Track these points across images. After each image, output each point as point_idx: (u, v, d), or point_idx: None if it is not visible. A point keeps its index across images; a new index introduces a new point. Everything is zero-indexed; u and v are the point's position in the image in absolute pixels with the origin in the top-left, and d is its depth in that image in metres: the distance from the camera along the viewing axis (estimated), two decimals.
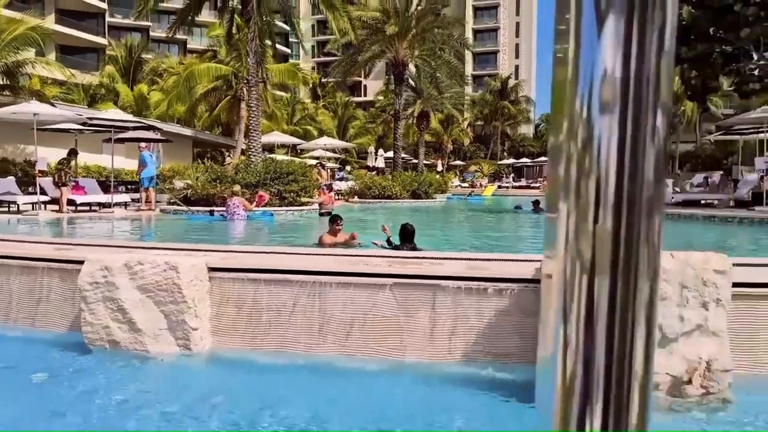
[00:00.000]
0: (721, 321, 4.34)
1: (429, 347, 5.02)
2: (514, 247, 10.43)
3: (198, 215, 14.06)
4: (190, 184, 14.85)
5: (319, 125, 53.76)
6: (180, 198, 14.82)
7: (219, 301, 5.40)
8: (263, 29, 17.46)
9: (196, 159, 26.35)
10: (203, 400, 4.34)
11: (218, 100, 28.67)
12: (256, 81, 17.59)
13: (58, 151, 21.48)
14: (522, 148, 75.45)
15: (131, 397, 4.43)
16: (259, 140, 17.83)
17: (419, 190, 22.40)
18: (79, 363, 5.14)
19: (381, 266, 5.18)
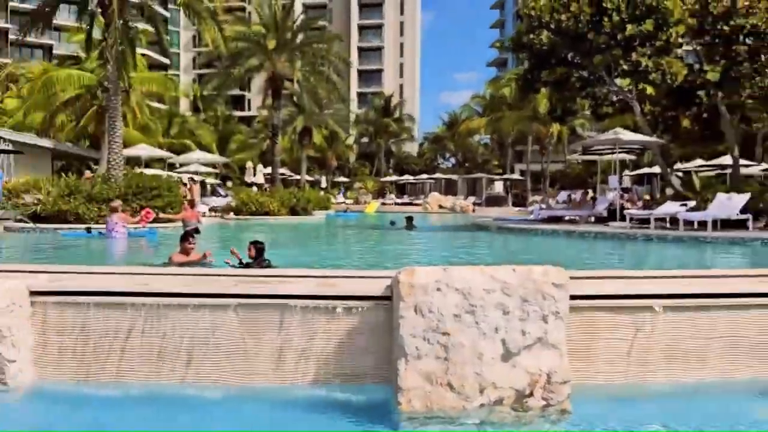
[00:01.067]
0: (560, 333, 4.43)
1: (277, 371, 4.76)
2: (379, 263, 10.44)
3: (74, 232, 12.93)
4: (41, 200, 13.58)
5: (198, 139, 51.84)
6: (29, 214, 13.52)
7: (43, 329, 4.83)
8: (126, 35, 16.49)
9: (57, 172, 24.36)
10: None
11: (84, 110, 26.76)
12: (117, 89, 16.53)
13: None
14: (406, 165, 77.10)
15: None
16: (120, 152, 16.72)
17: (298, 207, 22.07)
18: None
19: (225, 286, 4.86)
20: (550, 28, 16.61)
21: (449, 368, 4.34)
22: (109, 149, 16.41)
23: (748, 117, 19.23)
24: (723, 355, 4.98)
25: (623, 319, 4.86)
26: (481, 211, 35.04)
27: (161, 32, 18.69)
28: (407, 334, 4.32)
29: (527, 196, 45.77)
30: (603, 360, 4.87)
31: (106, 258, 11.32)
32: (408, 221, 16.82)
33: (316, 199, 30.16)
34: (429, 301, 4.34)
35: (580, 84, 18.24)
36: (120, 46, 15.81)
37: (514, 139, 57.95)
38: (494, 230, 16.88)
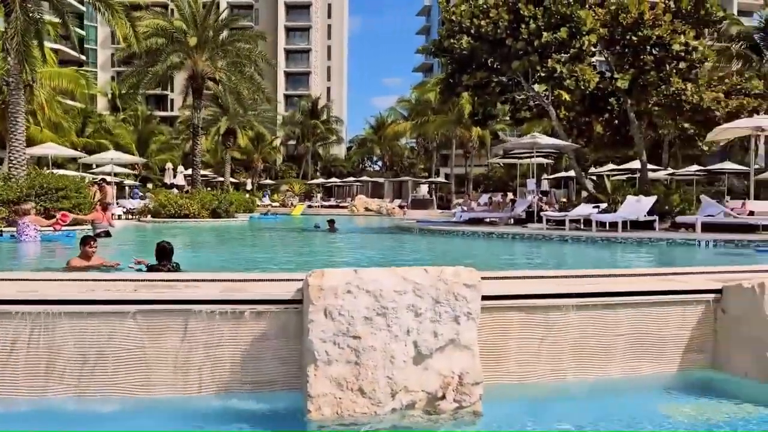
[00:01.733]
0: (472, 334, 4.41)
1: (180, 381, 4.50)
2: (297, 266, 10.23)
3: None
4: None
5: (116, 139, 49.69)
6: None
7: None
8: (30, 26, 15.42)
9: None
10: None
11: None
12: (18, 84, 15.47)
13: None
14: (334, 168, 76.82)
15: None
16: (23, 151, 15.65)
17: (219, 209, 21.45)
18: None
19: (124, 291, 4.55)
20: (470, 33, 16.95)
21: (360, 373, 4.23)
22: (10, 147, 15.28)
23: (655, 123, 20.29)
24: (628, 352, 5.12)
25: (534, 319, 4.90)
26: (407, 214, 35.30)
27: (69, 25, 17.60)
28: (316, 338, 4.18)
29: (452, 198, 46.55)
30: (515, 360, 4.89)
31: (12, 262, 10.55)
32: (330, 224, 16.70)
33: (240, 201, 29.47)
34: (339, 303, 4.21)
35: (500, 89, 18.71)
36: (23, 38, 14.76)
37: (439, 143, 58.90)
38: (416, 232, 17.00)
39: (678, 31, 17.37)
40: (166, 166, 30.96)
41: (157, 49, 23.66)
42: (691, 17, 18.09)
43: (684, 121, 19.32)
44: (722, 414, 4.61)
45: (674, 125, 19.92)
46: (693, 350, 5.30)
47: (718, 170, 30.26)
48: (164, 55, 23.57)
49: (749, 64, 31.01)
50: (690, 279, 5.65)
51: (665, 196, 16.77)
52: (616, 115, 19.60)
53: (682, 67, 17.41)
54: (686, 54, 17.21)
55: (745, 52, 31.51)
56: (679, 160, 36.74)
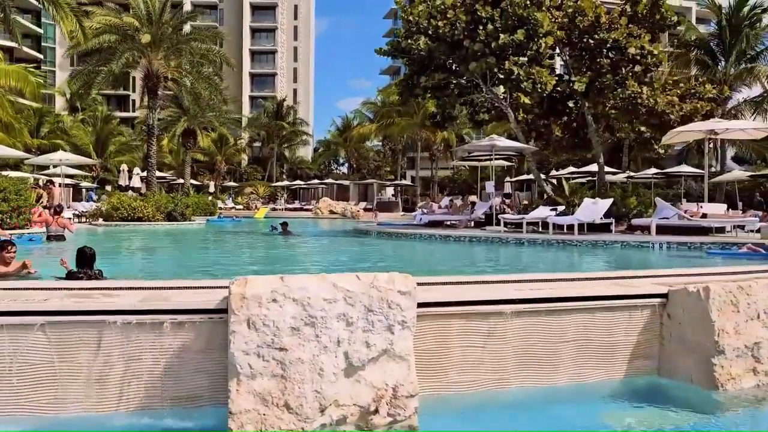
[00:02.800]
0: (407, 344, 4.18)
1: (94, 398, 4.17)
2: (237, 270, 9.90)
3: None
4: None
5: (73, 140, 48.34)
6: None
7: None
8: None
9: None
10: None
11: None
12: None
13: None
14: (300, 170, 76.22)
15: None
16: None
17: (175, 212, 20.89)
18: None
19: (33, 302, 4.20)
20: (427, 34, 16.80)
21: (287, 387, 3.96)
22: None
23: (612, 126, 20.47)
24: (574, 359, 4.96)
25: (475, 326, 4.71)
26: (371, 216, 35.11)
27: (9, 19, 16.83)
28: (239, 350, 3.90)
29: (417, 201, 46.54)
30: (456, 370, 4.68)
31: None
32: (283, 226, 16.39)
33: (200, 204, 28.88)
34: (263, 313, 3.94)
35: (459, 90, 18.59)
36: None
37: (405, 145, 58.89)
38: (374, 235, 16.78)
39: (634, 34, 17.52)
40: (121, 168, 30.18)
41: (109, 47, 22.97)
42: (646, 21, 18.26)
43: (640, 124, 19.53)
44: (668, 421, 4.50)
45: (630, 128, 20.11)
46: (639, 356, 5.18)
47: (676, 173, 30.82)
48: (118, 53, 22.88)
49: (706, 69, 31.79)
50: (636, 283, 5.53)
51: (622, 199, 16.88)
52: (574, 118, 19.70)
53: (638, 71, 17.54)
54: (642, 58, 17.35)
55: (703, 58, 32.31)
56: (639, 164, 37.36)
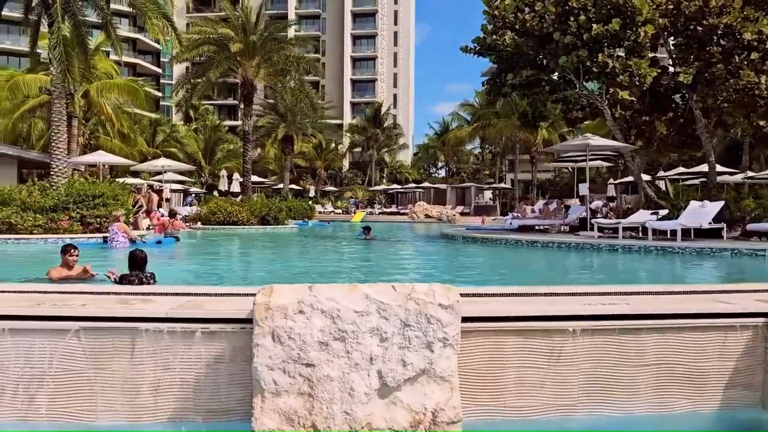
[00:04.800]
0: (449, 364, 3.75)
1: (127, 407, 4.05)
2: (298, 276, 9.75)
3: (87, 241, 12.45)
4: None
5: (184, 148, 51.29)
6: None
7: None
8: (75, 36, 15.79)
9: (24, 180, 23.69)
10: None
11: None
12: (61, 93, 15.80)
13: None
14: (399, 174, 76.55)
15: None
16: (64, 159, 16.01)
17: (269, 216, 21.39)
18: None
19: (68, 306, 4.15)
20: (514, 28, 15.97)
21: (314, 406, 3.65)
22: (53, 156, 15.66)
23: (725, 121, 18.54)
24: (655, 385, 4.30)
25: (535, 345, 4.17)
26: (471, 220, 34.44)
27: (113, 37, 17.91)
28: (263, 365, 3.63)
29: (516, 205, 45.11)
30: (510, 393, 4.16)
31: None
32: (365, 230, 16.25)
33: (298, 208, 29.55)
34: (289, 326, 3.65)
35: (550, 87, 17.54)
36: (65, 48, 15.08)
37: (505, 147, 57.41)
38: (459, 240, 16.21)
39: (750, 18, 15.73)
40: (221, 174, 31.42)
41: (208, 57, 24.01)
42: (764, 3, 16.37)
43: (758, 117, 17.49)
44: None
45: (747, 123, 18.10)
46: (737, 385, 4.42)
47: None
48: (214, 63, 23.85)
49: None
50: (735, 299, 4.73)
51: (736, 201, 15.19)
52: (680, 114, 18.00)
53: (755, 58, 15.70)
54: (759, 43, 15.53)
55: None
56: (762, 163, 34.03)
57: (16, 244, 12.17)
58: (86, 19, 16.91)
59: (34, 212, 12.80)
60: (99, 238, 12.88)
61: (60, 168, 15.43)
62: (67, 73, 15.13)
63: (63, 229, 12.99)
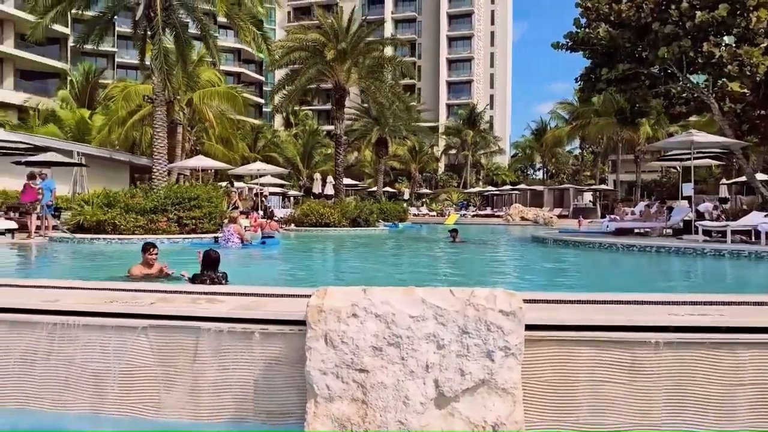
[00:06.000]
0: (512, 375, 3.49)
1: (190, 404, 4.11)
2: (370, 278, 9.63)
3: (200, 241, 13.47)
4: (80, 211, 13.88)
5: (284, 152, 53.06)
6: (74, 224, 13.87)
7: None
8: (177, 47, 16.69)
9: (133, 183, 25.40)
10: None
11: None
12: (162, 101, 16.69)
13: None
14: (495, 177, 75.21)
15: None
16: (164, 163, 16.92)
17: (359, 218, 21.59)
18: None
19: (138, 305, 4.27)
20: (609, 20, 15.01)
21: (367, 414, 3.51)
22: (154, 160, 16.63)
23: None
24: (756, 406, 3.83)
25: (611, 357, 3.83)
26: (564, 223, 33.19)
27: (210, 44, 18.80)
28: (315, 369, 3.54)
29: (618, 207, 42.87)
30: (583, 408, 3.84)
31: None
32: (452, 233, 15.95)
33: (391, 210, 29.72)
34: (342, 329, 3.54)
35: (650, 81, 16.34)
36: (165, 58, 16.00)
37: (607, 147, 54.87)
38: (550, 243, 15.50)
39: None
40: (315, 177, 32.13)
41: (301, 63, 24.63)
42: None
43: None
44: None
45: None
46: None
47: None
48: (305, 68, 24.41)
49: None
50: None
51: None
52: None
53: None
54: None
55: None
56: None
57: (120, 244, 13.01)
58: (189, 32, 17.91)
59: (136, 213, 13.61)
60: (193, 238, 13.53)
61: (161, 172, 16.38)
62: (167, 82, 16.03)
63: (162, 230, 13.77)
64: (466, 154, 68.31)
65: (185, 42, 17.92)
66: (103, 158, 26.66)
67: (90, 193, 18.46)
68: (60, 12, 17.68)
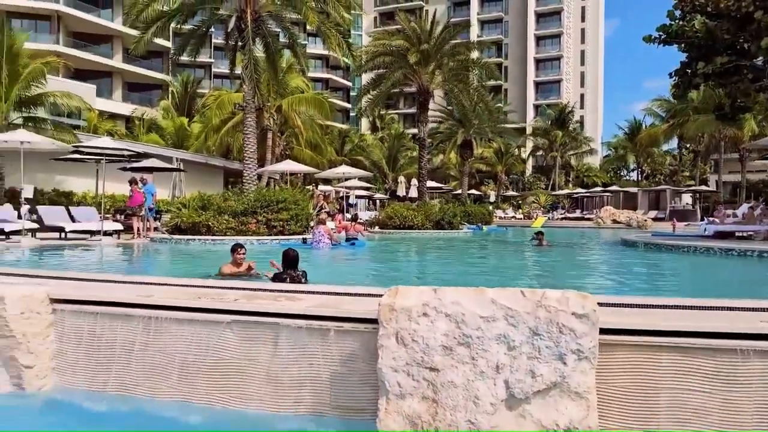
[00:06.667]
0: (585, 379, 3.43)
1: (270, 397, 4.30)
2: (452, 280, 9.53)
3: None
4: (178, 214, 14.73)
5: (370, 156, 53.82)
6: (171, 226, 14.75)
7: (61, 337, 4.87)
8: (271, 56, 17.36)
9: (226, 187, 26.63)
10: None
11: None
12: (251, 108, 17.41)
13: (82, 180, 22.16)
14: (587, 178, 72.71)
15: None
16: (254, 167, 17.64)
17: (443, 221, 21.57)
18: None
19: (223, 301, 4.52)
20: (705, 11, 14.17)
21: (437, 412, 3.56)
22: (244, 165, 17.40)
23: None
24: None
25: (696, 364, 3.68)
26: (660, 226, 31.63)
27: (298, 54, 19.49)
28: (387, 366, 3.63)
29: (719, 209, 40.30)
30: (665, 416, 3.71)
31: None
32: (538, 236, 15.56)
33: (476, 213, 29.55)
34: (413, 328, 3.60)
35: (753, 75, 15.25)
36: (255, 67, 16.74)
37: (708, 146, 51.78)
38: (641, 247, 14.81)
39: None
40: (399, 180, 32.44)
41: (385, 67, 24.93)
42: None
43: None
44: None
45: None
46: None
47: None
48: (390, 72, 24.67)
49: None
50: None
51: None
52: None
53: None
54: None
55: None
56: None
57: (212, 244, 13.74)
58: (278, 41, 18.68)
59: (228, 216, 14.31)
60: (281, 239, 14.06)
61: (251, 176, 17.14)
62: (257, 90, 16.77)
63: (251, 232, 14.39)
64: (554, 155, 66.53)
65: (275, 51, 18.69)
66: (199, 163, 28.29)
67: (187, 196, 19.59)
68: (160, 27, 18.91)
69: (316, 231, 13.87)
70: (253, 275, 7.16)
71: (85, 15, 46.53)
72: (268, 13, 18.64)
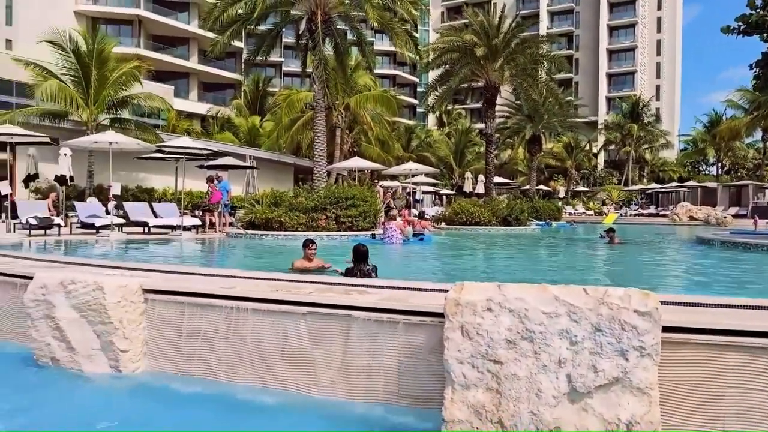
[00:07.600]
0: (647, 375, 3.51)
1: (342, 384, 4.57)
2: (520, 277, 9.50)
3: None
4: (251, 209, 15.36)
5: (437, 152, 53.82)
6: (246, 222, 15.40)
7: (153, 324, 5.31)
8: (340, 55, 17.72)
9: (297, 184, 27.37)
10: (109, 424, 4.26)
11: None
12: (321, 107, 17.84)
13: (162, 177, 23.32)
14: (662, 173, 70.01)
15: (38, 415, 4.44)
16: (323, 165, 18.08)
17: (510, 217, 21.43)
18: (17, 378, 5.29)
19: (298, 293, 4.82)
20: None
21: (501, 403, 3.72)
22: (314, 163, 17.89)
23: None
24: None
25: (763, 364, 3.68)
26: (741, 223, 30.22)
27: (366, 52, 19.83)
28: (453, 358, 3.81)
29: None
30: (731, 415, 3.73)
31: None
32: (608, 233, 15.22)
33: (545, 209, 29.13)
34: (477, 322, 3.77)
35: None
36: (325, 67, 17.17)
37: None
38: (717, 245, 14.24)
39: None
40: (466, 176, 32.38)
41: (453, 63, 24.94)
42: None
43: None
44: None
45: None
46: None
47: None
48: (457, 68, 24.63)
49: None
50: None
51: None
52: None
53: None
54: None
55: None
56: None
57: (284, 239, 14.28)
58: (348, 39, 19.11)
59: (299, 212, 14.81)
60: (350, 235, 14.43)
61: (320, 173, 17.63)
62: (326, 89, 17.21)
63: (321, 227, 14.85)
64: (627, 149, 64.41)
65: (343, 51, 19.12)
66: (271, 161, 29.24)
67: (260, 193, 20.33)
68: (236, 30, 19.72)
69: (387, 227, 14.16)
70: (324, 270, 7.47)
71: (164, 19, 48.75)
72: (338, 13, 19.09)
